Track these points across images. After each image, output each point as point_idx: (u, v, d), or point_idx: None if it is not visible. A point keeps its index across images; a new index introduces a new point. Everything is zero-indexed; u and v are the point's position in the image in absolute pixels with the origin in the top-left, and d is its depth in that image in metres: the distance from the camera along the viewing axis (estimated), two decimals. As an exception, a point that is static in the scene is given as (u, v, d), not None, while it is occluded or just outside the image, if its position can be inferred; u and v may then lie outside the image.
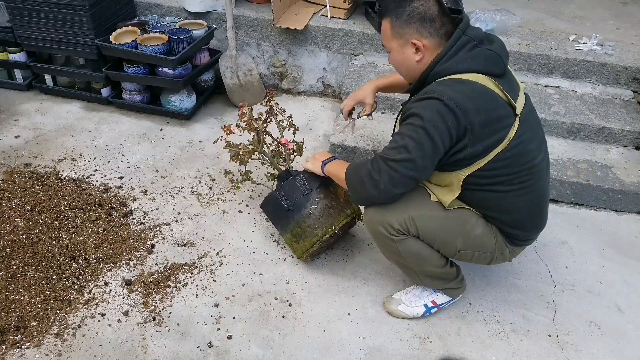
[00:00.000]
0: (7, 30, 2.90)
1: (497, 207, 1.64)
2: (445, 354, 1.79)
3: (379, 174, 1.53)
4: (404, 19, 1.54)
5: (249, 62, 3.13)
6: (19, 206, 2.23)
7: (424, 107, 1.47)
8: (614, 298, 2.04)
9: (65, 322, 1.79)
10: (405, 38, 1.56)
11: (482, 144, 1.49)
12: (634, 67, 2.86)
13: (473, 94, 1.46)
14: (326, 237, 1.93)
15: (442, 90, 1.46)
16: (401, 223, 1.63)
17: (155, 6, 3.17)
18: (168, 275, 1.99)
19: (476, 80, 1.48)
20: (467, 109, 1.44)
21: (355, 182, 1.64)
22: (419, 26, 1.53)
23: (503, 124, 1.50)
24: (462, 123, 1.44)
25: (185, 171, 2.55)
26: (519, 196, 1.61)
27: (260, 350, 1.76)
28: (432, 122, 1.44)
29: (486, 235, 1.68)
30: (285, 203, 1.97)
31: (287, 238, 2.03)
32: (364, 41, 3.03)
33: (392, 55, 1.64)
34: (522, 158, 1.56)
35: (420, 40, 1.54)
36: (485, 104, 1.47)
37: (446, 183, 1.62)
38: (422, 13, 1.52)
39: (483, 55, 1.52)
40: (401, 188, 1.55)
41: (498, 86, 1.49)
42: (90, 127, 2.83)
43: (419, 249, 1.68)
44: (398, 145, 1.51)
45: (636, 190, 2.42)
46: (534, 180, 1.61)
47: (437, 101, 1.45)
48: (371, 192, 1.57)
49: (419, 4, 1.52)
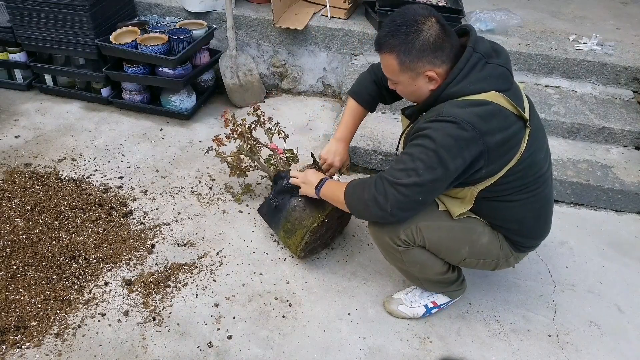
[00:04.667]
0: (7, 30, 2.90)
1: (505, 216, 1.62)
2: (445, 354, 1.79)
3: (385, 197, 1.47)
4: (414, 54, 1.43)
5: (249, 62, 3.13)
6: (19, 206, 2.23)
7: (437, 129, 1.40)
8: (614, 298, 2.04)
9: (65, 322, 1.79)
10: (417, 71, 1.46)
11: (498, 162, 1.45)
12: (634, 67, 2.86)
13: (489, 115, 1.40)
14: (314, 227, 1.92)
15: (456, 113, 1.38)
16: (407, 234, 1.60)
17: (155, 6, 3.17)
18: (168, 275, 1.99)
19: (490, 99, 1.42)
20: (484, 131, 1.38)
21: (358, 206, 1.57)
22: (432, 58, 1.44)
23: (517, 139, 1.46)
24: (479, 146, 1.39)
25: (185, 171, 2.55)
26: (526, 205, 1.59)
27: (260, 350, 1.76)
28: (446, 146, 1.38)
29: (492, 244, 1.66)
30: (273, 201, 2.03)
31: (281, 236, 2.05)
32: (364, 41, 3.03)
33: (402, 87, 1.55)
34: (533, 169, 1.54)
35: (434, 70, 1.45)
36: (500, 124, 1.41)
37: (459, 196, 1.59)
38: (433, 44, 1.42)
39: (495, 73, 1.45)
40: (409, 212, 1.52)
41: (510, 102, 1.44)
42: (90, 127, 2.83)
43: (424, 259, 1.67)
44: (407, 167, 1.43)
45: (636, 190, 2.42)
46: (542, 188, 1.60)
47: (452, 124, 1.38)
48: (376, 214, 1.52)
49: (428, 35, 1.42)
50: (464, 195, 1.57)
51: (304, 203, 1.95)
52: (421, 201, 1.47)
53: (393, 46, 1.45)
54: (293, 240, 1.99)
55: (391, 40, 1.45)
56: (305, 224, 1.93)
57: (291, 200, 1.97)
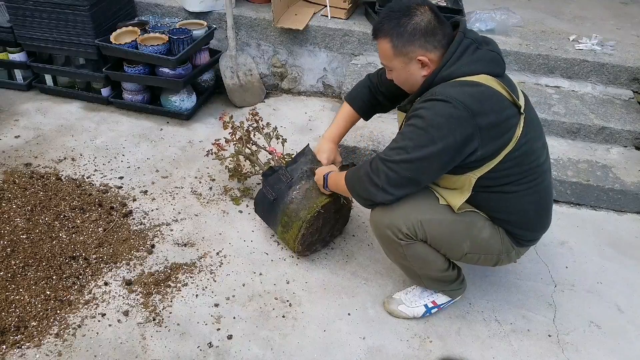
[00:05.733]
0: (7, 30, 2.90)
1: (505, 208, 1.63)
2: (445, 354, 1.79)
3: (377, 174, 1.52)
4: (406, 37, 1.49)
5: (249, 62, 3.13)
6: (19, 206, 2.23)
7: (428, 108, 1.44)
8: (614, 298, 2.04)
9: (65, 322, 1.79)
10: (409, 56, 1.52)
11: (492, 145, 1.47)
12: (634, 67, 2.86)
13: (481, 96, 1.44)
14: (310, 217, 1.92)
15: (450, 92, 1.43)
16: (409, 227, 1.61)
17: (155, 6, 3.17)
18: (168, 275, 1.99)
19: (483, 81, 1.46)
20: (476, 111, 1.41)
21: (355, 184, 1.63)
22: (424, 42, 1.49)
23: (510, 123, 1.48)
24: (470, 126, 1.42)
25: (185, 171, 2.55)
26: (526, 196, 1.60)
27: (260, 350, 1.76)
28: (436, 125, 1.42)
29: (493, 238, 1.67)
30: (270, 195, 2.04)
31: (279, 232, 2.06)
32: (364, 41, 3.03)
33: (396, 73, 1.60)
34: (530, 157, 1.55)
35: (426, 55, 1.50)
36: (493, 106, 1.45)
37: (456, 186, 1.60)
38: (424, 28, 1.48)
39: (487, 57, 1.51)
40: (400, 189, 1.54)
41: (503, 86, 1.47)
42: (90, 127, 2.83)
43: (426, 254, 1.68)
44: (397, 145, 1.49)
45: (636, 190, 2.42)
46: (540, 179, 1.61)
47: (445, 103, 1.41)
48: (371, 191, 1.56)
49: (419, 19, 1.48)
50: (462, 184, 1.58)
51: (301, 195, 1.96)
52: (411, 179, 1.50)
53: (386, 31, 1.52)
54: (290, 234, 1.99)
55: (385, 25, 1.52)
56: (301, 216, 1.94)
57: (288, 193, 1.98)
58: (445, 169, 1.51)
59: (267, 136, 2.31)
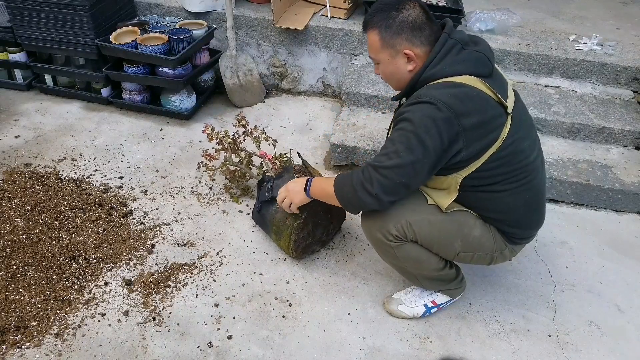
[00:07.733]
0: (7, 30, 2.90)
1: (495, 207, 1.64)
2: (445, 354, 1.79)
3: (370, 182, 1.51)
4: (394, 29, 1.52)
5: (249, 62, 3.13)
6: (19, 206, 2.23)
7: (415, 111, 1.45)
8: (614, 298, 2.04)
9: (65, 322, 1.79)
10: (396, 48, 1.54)
11: (477, 145, 1.48)
12: (634, 67, 2.86)
13: (465, 97, 1.45)
14: (297, 224, 1.92)
15: (433, 94, 1.44)
16: (398, 229, 1.61)
17: (155, 6, 3.17)
18: (168, 275, 1.99)
19: (466, 82, 1.47)
20: (460, 112, 1.43)
21: (347, 193, 1.59)
22: (410, 35, 1.52)
23: (496, 123, 1.49)
24: (455, 126, 1.43)
25: (185, 171, 2.55)
26: (515, 195, 1.60)
27: (260, 350, 1.76)
28: (424, 127, 1.43)
29: (484, 236, 1.67)
30: (257, 206, 2.10)
31: (274, 239, 2.09)
32: (364, 41, 3.03)
33: (383, 66, 1.61)
34: (517, 156, 1.55)
35: (412, 50, 1.53)
36: (477, 106, 1.46)
37: (443, 186, 1.61)
38: (412, 22, 1.51)
39: (471, 57, 1.51)
40: (394, 195, 1.53)
41: (488, 87, 1.48)
42: (90, 127, 2.83)
43: (417, 254, 1.68)
44: (389, 151, 1.49)
45: (636, 190, 2.42)
46: (530, 178, 1.60)
47: (429, 105, 1.43)
48: (365, 200, 1.54)
49: (408, 13, 1.51)
50: (449, 185, 1.59)
51: None
52: (404, 184, 1.50)
53: (375, 22, 1.55)
54: (283, 241, 2.02)
55: (375, 17, 1.56)
56: (288, 224, 1.95)
57: (274, 203, 1.99)
58: (434, 171, 1.52)
59: (256, 139, 2.31)
